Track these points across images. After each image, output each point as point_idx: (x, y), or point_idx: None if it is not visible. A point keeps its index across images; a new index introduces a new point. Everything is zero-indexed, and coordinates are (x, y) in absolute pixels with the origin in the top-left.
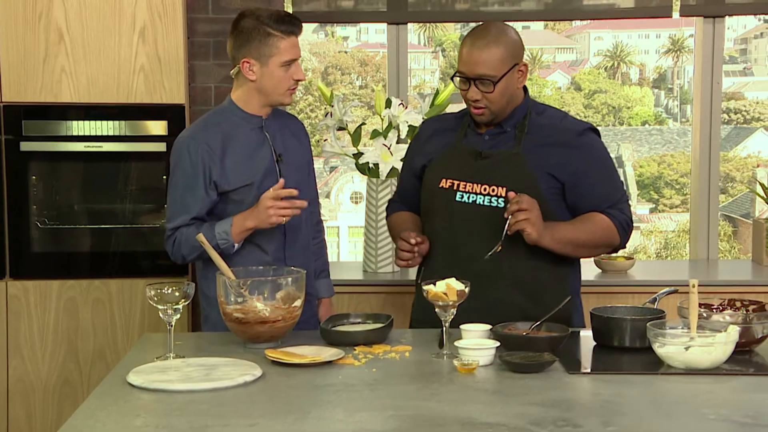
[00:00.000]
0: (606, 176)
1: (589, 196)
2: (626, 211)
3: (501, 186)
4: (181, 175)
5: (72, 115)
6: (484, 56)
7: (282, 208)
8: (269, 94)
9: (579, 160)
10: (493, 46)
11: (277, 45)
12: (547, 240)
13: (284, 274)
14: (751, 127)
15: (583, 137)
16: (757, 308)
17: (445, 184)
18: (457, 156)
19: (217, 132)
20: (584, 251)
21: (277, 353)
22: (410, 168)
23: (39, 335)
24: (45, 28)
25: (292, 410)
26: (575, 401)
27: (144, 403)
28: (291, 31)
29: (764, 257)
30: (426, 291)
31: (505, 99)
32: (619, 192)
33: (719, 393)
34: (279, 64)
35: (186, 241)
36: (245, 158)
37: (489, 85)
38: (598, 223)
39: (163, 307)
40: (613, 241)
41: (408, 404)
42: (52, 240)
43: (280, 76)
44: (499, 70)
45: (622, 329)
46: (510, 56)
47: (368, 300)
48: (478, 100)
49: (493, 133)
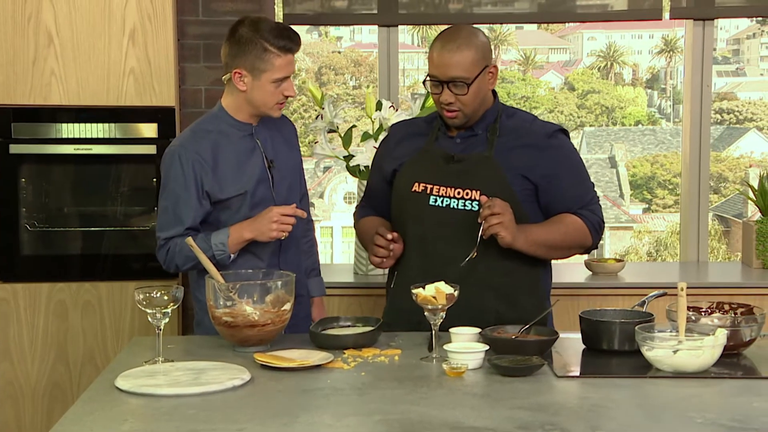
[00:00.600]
0: (577, 177)
1: (561, 198)
2: (597, 211)
3: (474, 189)
4: (173, 185)
5: (62, 118)
6: (456, 59)
7: (285, 223)
8: (258, 106)
9: (549, 161)
10: (465, 49)
11: (272, 62)
12: (520, 242)
13: (274, 277)
14: (743, 127)
15: (553, 139)
16: (745, 311)
17: (417, 188)
18: (429, 160)
19: (207, 141)
20: (557, 253)
21: (266, 357)
22: (380, 172)
23: (28, 338)
24: (34, 30)
25: (281, 415)
26: (563, 405)
27: (132, 408)
28: (288, 48)
29: (754, 259)
30: (415, 294)
31: (477, 101)
32: (590, 193)
33: (707, 396)
34: (271, 80)
35: (180, 252)
36: (237, 167)
37: (462, 87)
38: (571, 224)
39: (152, 311)
40: (586, 241)
41: (396, 408)
42: (42, 243)
43: (271, 91)
44: (471, 72)
45: (611, 332)
46: (481, 58)
47: (359, 302)
48: (451, 103)
49: (464, 136)
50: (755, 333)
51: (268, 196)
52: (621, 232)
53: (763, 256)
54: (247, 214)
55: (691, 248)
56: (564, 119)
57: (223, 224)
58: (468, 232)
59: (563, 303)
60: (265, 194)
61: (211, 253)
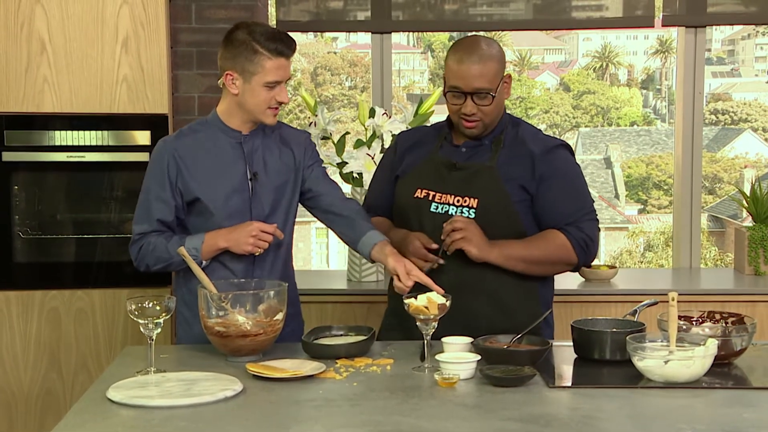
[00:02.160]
0: (569, 192)
1: (549, 210)
2: (586, 229)
3: (473, 197)
4: (149, 178)
5: (55, 126)
6: (480, 70)
7: (262, 239)
8: (250, 110)
9: (544, 173)
10: (488, 60)
11: (262, 64)
12: (494, 256)
13: (266, 287)
14: (738, 128)
15: (552, 153)
16: (736, 321)
17: (420, 194)
18: (433, 167)
19: (191, 139)
20: (538, 268)
21: (258, 367)
22: (385, 178)
23: (21, 346)
24: (27, 38)
25: (272, 426)
26: (554, 416)
27: (123, 420)
28: (280, 51)
29: (746, 266)
30: (407, 305)
31: (497, 111)
32: (583, 210)
33: (697, 407)
34: (262, 83)
35: (152, 252)
36: (216, 172)
37: (486, 98)
38: (552, 240)
39: (144, 321)
40: (570, 259)
41: (388, 419)
42: (35, 250)
43: (263, 95)
44: (494, 83)
45: (602, 342)
46: (501, 68)
47: (352, 310)
48: (474, 114)
49: (470, 146)
50: (746, 343)
51: (244, 209)
52: (616, 232)
53: (755, 263)
54: (220, 223)
55: (683, 251)
56: (559, 120)
57: (194, 230)
58: None
59: (555, 310)
60: (240, 206)
61: (179, 256)
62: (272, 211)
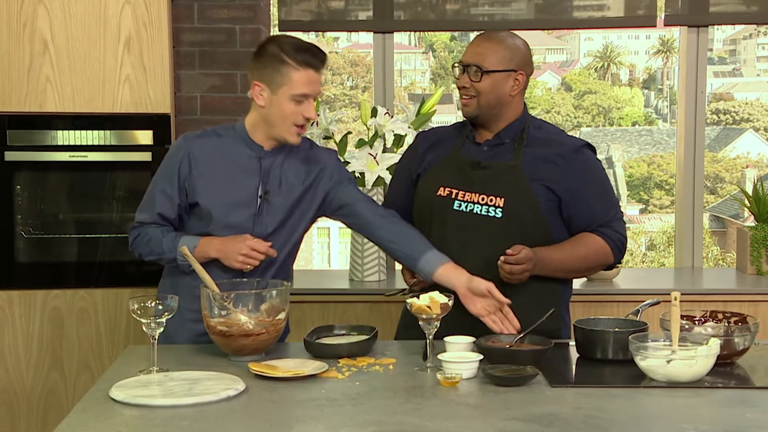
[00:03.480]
0: (600, 193)
1: (583, 213)
2: (619, 228)
3: (498, 196)
4: (161, 170)
5: (57, 125)
6: (481, 47)
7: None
8: (274, 125)
9: (573, 176)
10: (495, 43)
11: (289, 75)
12: (538, 270)
13: (268, 286)
14: (740, 128)
15: (579, 154)
16: (738, 320)
17: (443, 192)
18: (456, 165)
19: (210, 142)
20: (577, 275)
21: (261, 366)
22: (406, 175)
23: (24, 345)
24: (30, 38)
25: (274, 426)
26: (557, 416)
27: (126, 419)
28: (308, 63)
29: (748, 266)
30: (410, 304)
31: (493, 97)
32: (613, 210)
33: (700, 407)
34: (289, 96)
35: (147, 243)
36: (226, 181)
37: (477, 73)
38: (591, 245)
39: (146, 320)
40: (607, 260)
41: (390, 419)
42: (37, 250)
43: (289, 109)
44: (491, 63)
45: (604, 342)
46: (508, 58)
47: (354, 309)
48: (466, 88)
49: (491, 144)
50: (749, 342)
51: (247, 224)
52: None
53: (758, 263)
54: (217, 232)
55: (686, 251)
56: (561, 120)
57: (191, 232)
58: (488, 237)
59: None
60: (243, 221)
61: (173, 256)
62: (276, 230)
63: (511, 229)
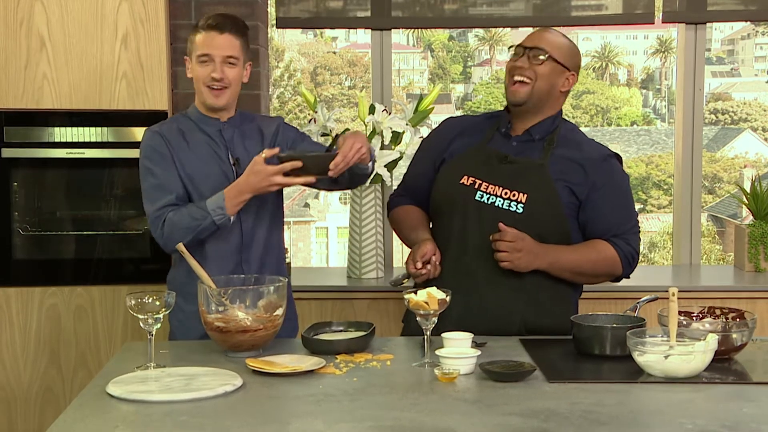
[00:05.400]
0: (619, 204)
1: (599, 220)
2: (633, 242)
3: (522, 192)
4: (153, 162)
5: (54, 122)
6: (548, 36)
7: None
8: (197, 91)
9: (596, 182)
10: (562, 37)
11: (194, 40)
12: (544, 264)
13: (266, 282)
14: (738, 127)
15: (606, 162)
16: (736, 316)
17: (466, 181)
18: (483, 156)
19: (176, 127)
20: (583, 279)
21: (258, 362)
22: (428, 159)
23: (21, 343)
24: (26, 34)
25: (272, 421)
26: (554, 411)
27: (123, 414)
28: (210, 26)
29: (746, 263)
30: (407, 300)
31: (547, 86)
32: (630, 222)
33: (697, 402)
34: (196, 59)
35: (177, 224)
36: (201, 157)
37: (541, 58)
38: (602, 252)
39: (144, 316)
40: (615, 271)
41: (388, 415)
42: (35, 247)
43: (198, 72)
44: (555, 52)
45: (602, 337)
46: (570, 56)
47: (352, 306)
48: (524, 69)
49: (521, 140)
50: (746, 338)
51: None
52: None
53: (756, 260)
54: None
55: (683, 250)
56: None
57: None
58: None
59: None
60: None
61: (210, 219)
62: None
63: (531, 225)
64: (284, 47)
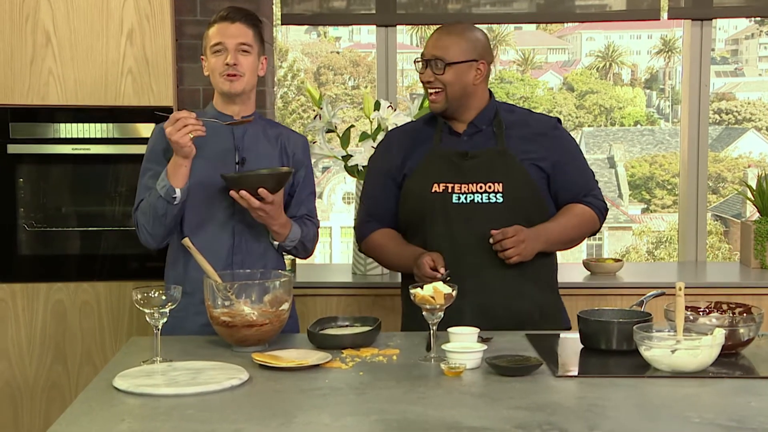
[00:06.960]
0: (580, 165)
1: (569, 187)
2: (600, 196)
3: (496, 182)
4: (150, 161)
5: (59, 118)
6: (441, 41)
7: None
8: (214, 84)
9: (556, 151)
10: (454, 35)
11: (208, 34)
12: (541, 247)
13: (272, 277)
14: (742, 127)
15: (557, 130)
16: (743, 311)
17: (438, 188)
18: (443, 160)
19: None
20: (573, 245)
21: (264, 357)
22: (388, 179)
23: (26, 338)
24: (32, 30)
25: (278, 415)
26: (561, 405)
27: (129, 408)
28: (223, 17)
29: (752, 259)
30: (413, 294)
31: (458, 88)
32: (593, 179)
33: (704, 396)
34: (210, 51)
35: (142, 215)
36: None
37: (440, 67)
38: (581, 215)
39: (150, 310)
40: (595, 227)
41: (394, 408)
42: (40, 243)
43: (212, 62)
44: (452, 55)
45: (609, 332)
46: (469, 49)
47: (357, 302)
48: (431, 82)
49: (470, 133)
50: (753, 333)
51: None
52: (620, 232)
53: (761, 256)
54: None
55: (689, 248)
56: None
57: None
58: (491, 223)
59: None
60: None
61: (157, 194)
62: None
63: (514, 211)
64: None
